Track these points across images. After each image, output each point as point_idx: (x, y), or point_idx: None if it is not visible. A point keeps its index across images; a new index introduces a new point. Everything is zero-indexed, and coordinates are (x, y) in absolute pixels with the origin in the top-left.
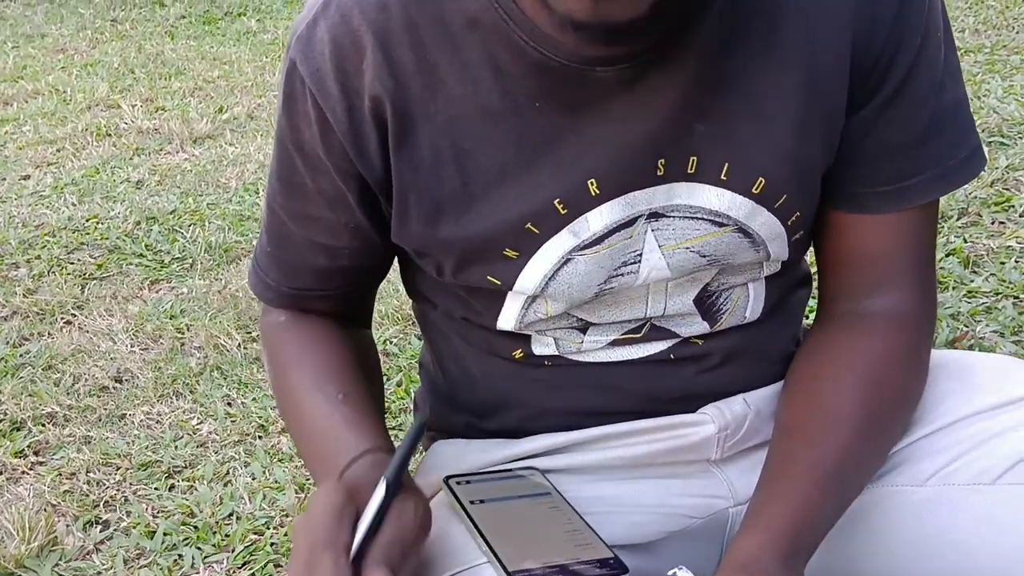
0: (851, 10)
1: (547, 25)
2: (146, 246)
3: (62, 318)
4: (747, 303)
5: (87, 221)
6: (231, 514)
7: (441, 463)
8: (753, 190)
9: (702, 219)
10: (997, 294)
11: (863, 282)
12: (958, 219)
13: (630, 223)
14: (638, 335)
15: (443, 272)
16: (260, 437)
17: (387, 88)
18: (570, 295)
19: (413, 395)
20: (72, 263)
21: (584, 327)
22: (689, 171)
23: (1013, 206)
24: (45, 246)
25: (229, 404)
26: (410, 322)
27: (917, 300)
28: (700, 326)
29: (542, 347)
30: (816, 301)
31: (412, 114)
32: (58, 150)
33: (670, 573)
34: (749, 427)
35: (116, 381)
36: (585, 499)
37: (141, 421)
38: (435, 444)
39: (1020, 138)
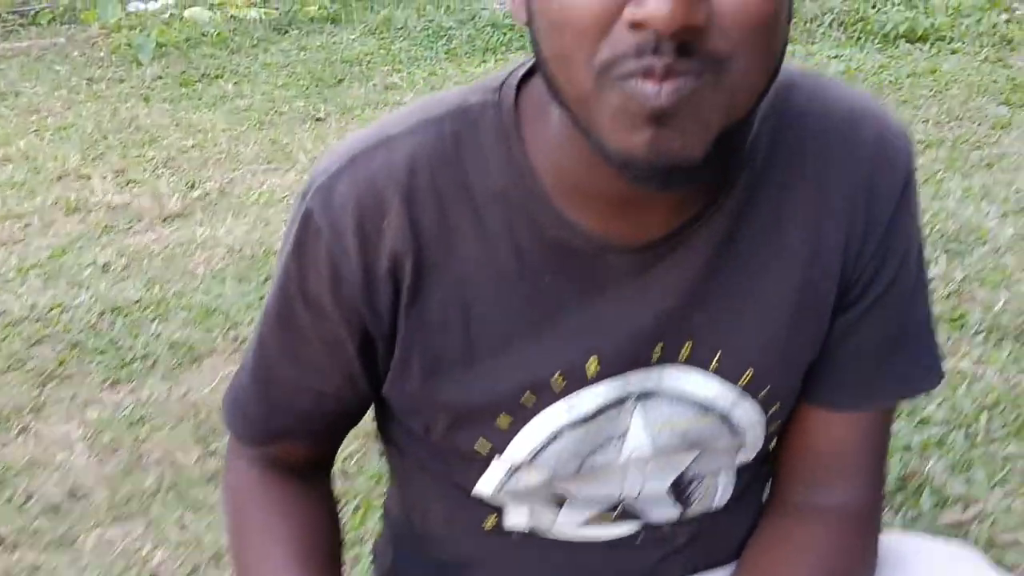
0: (848, 218)
1: (570, 205)
2: (109, 340)
3: (18, 424)
4: (717, 492)
5: (50, 311)
6: None
7: None
8: (741, 381)
9: (688, 404)
10: (949, 424)
11: (820, 474)
12: None
13: (621, 401)
14: (610, 516)
15: (431, 432)
16: (214, 568)
17: (407, 248)
18: (555, 467)
19: (372, 545)
20: (33, 358)
21: (560, 501)
22: (682, 357)
23: (967, 323)
24: (6, 338)
25: (183, 528)
26: (371, 437)
27: (870, 494)
28: (671, 512)
29: (515, 518)
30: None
31: (428, 274)
32: (26, 225)
33: None
34: None
35: (70, 496)
36: None
37: (93, 547)
38: None
39: (977, 245)
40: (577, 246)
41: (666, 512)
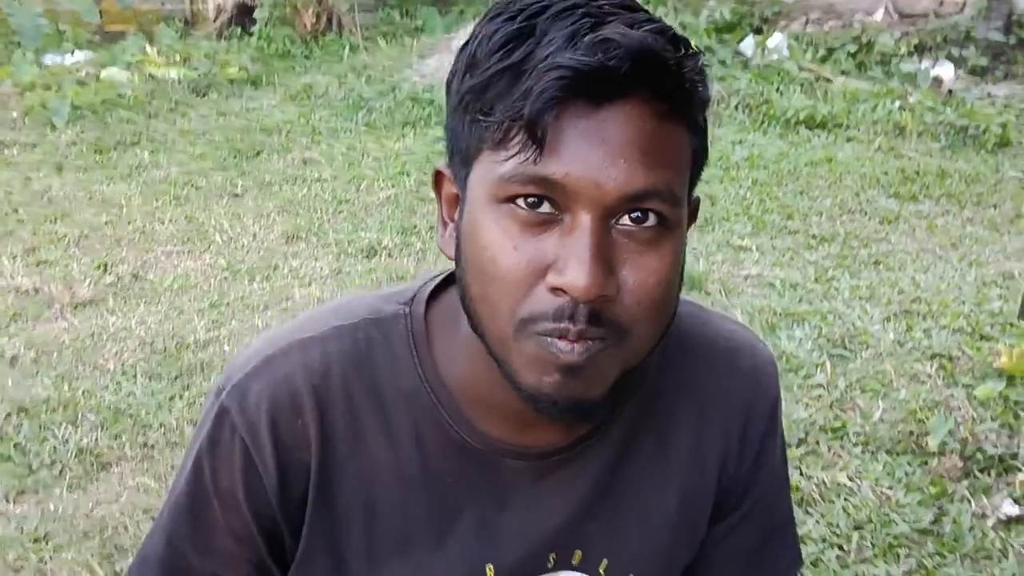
0: (726, 434)
1: (473, 412)
2: (15, 446)
3: None
4: None
5: None
6: None
7: None
8: None
9: None
10: (824, 541)
11: None
12: (798, 447)
13: None
14: None
15: None
16: None
17: (317, 448)
18: None
19: None
20: None
21: None
22: (573, 562)
23: (848, 433)
24: None
25: None
26: None
27: None
28: None
29: None
30: None
31: (334, 473)
32: None
33: None
34: None
35: None
36: None
37: None
38: None
39: (862, 350)
40: (478, 449)
41: None
